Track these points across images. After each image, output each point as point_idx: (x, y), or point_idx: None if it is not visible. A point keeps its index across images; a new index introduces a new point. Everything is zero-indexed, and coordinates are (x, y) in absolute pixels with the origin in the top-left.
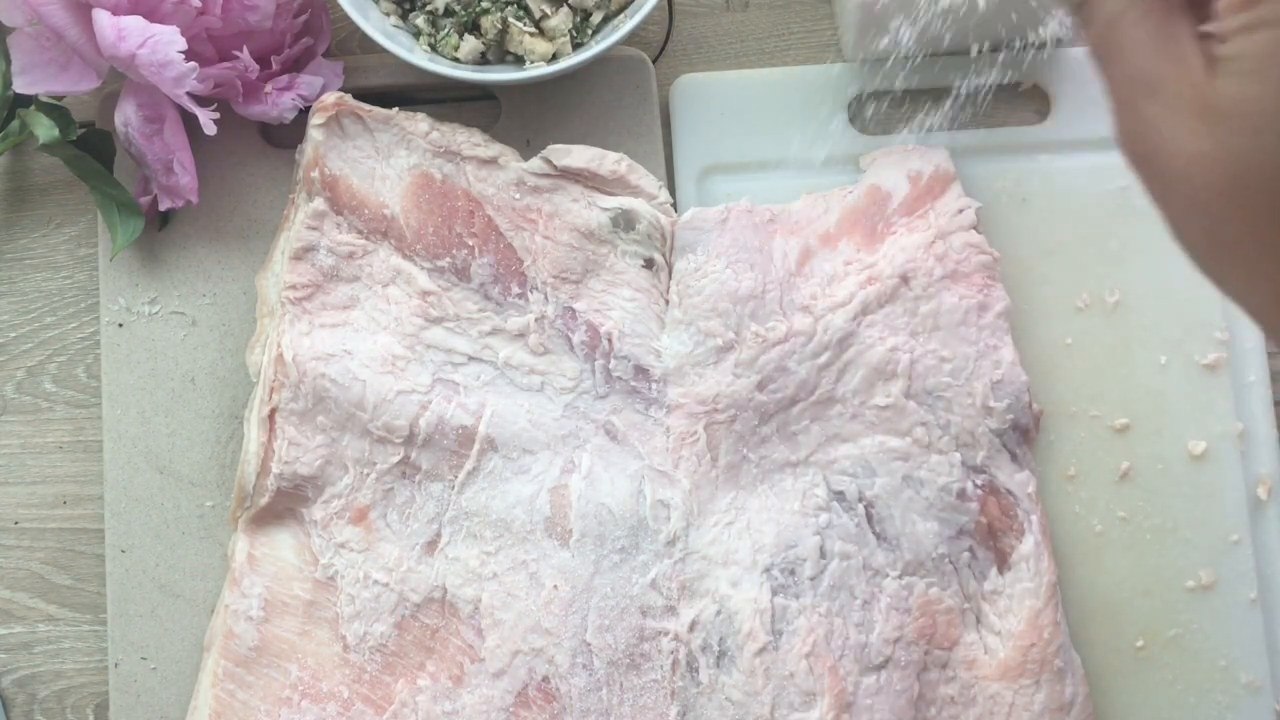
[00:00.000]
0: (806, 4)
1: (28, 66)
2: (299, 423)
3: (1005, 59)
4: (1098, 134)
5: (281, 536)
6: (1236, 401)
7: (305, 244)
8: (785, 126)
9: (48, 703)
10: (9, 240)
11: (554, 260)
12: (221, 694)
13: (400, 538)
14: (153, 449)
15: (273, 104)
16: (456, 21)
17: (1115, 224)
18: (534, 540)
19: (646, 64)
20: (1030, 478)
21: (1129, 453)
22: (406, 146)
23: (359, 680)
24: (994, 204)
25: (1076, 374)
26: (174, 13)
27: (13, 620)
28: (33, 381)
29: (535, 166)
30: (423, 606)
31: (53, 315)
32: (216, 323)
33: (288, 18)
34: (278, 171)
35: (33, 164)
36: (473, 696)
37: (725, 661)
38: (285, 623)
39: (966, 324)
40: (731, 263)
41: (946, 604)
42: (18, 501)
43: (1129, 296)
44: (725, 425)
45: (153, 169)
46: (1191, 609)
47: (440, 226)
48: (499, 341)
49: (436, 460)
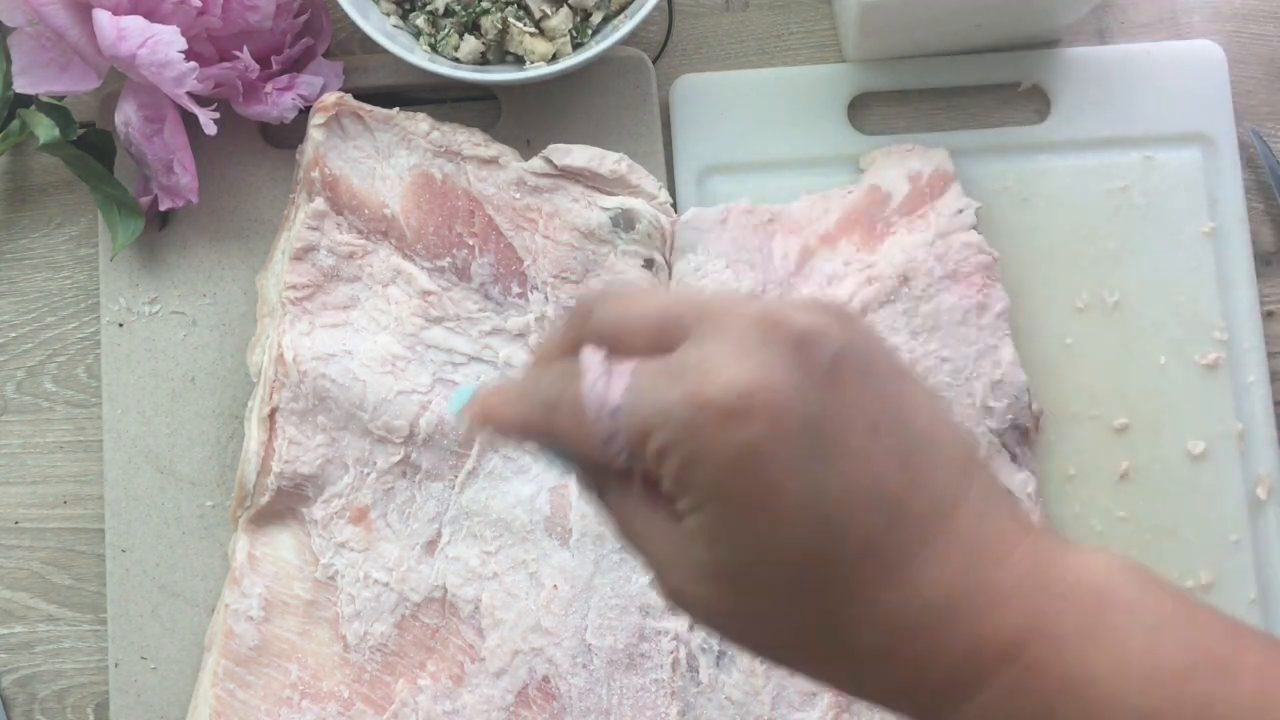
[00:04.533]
0: (806, 4)
1: (28, 66)
2: (299, 422)
3: (1005, 59)
4: (1098, 134)
5: (282, 536)
6: (1236, 401)
7: (305, 244)
8: (785, 126)
9: (48, 702)
10: (9, 240)
11: (554, 260)
12: (222, 694)
13: (400, 537)
14: (153, 449)
15: (273, 104)
16: (457, 21)
17: (1115, 224)
18: (534, 540)
19: (646, 64)
20: (1030, 478)
21: (1129, 453)
22: (407, 146)
23: (359, 680)
24: (994, 204)
25: (1076, 374)
26: (174, 13)
27: (13, 620)
28: (33, 381)
29: (535, 166)
30: (423, 606)
31: (53, 315)
32: (217, 323)
33: (288, 18)
34: (278, 171)
35: (33, 164)
36: (473, 696)
37: (725, 661)
38: (285, 622)
39: (966, 324)
40: (731, 263)
41: None
42: (18, 501)
43: (1129, 296)
44: None
45: (153, 169)
46: None
47: (440, 226)
48: (499, 341)
49: (437, 460)
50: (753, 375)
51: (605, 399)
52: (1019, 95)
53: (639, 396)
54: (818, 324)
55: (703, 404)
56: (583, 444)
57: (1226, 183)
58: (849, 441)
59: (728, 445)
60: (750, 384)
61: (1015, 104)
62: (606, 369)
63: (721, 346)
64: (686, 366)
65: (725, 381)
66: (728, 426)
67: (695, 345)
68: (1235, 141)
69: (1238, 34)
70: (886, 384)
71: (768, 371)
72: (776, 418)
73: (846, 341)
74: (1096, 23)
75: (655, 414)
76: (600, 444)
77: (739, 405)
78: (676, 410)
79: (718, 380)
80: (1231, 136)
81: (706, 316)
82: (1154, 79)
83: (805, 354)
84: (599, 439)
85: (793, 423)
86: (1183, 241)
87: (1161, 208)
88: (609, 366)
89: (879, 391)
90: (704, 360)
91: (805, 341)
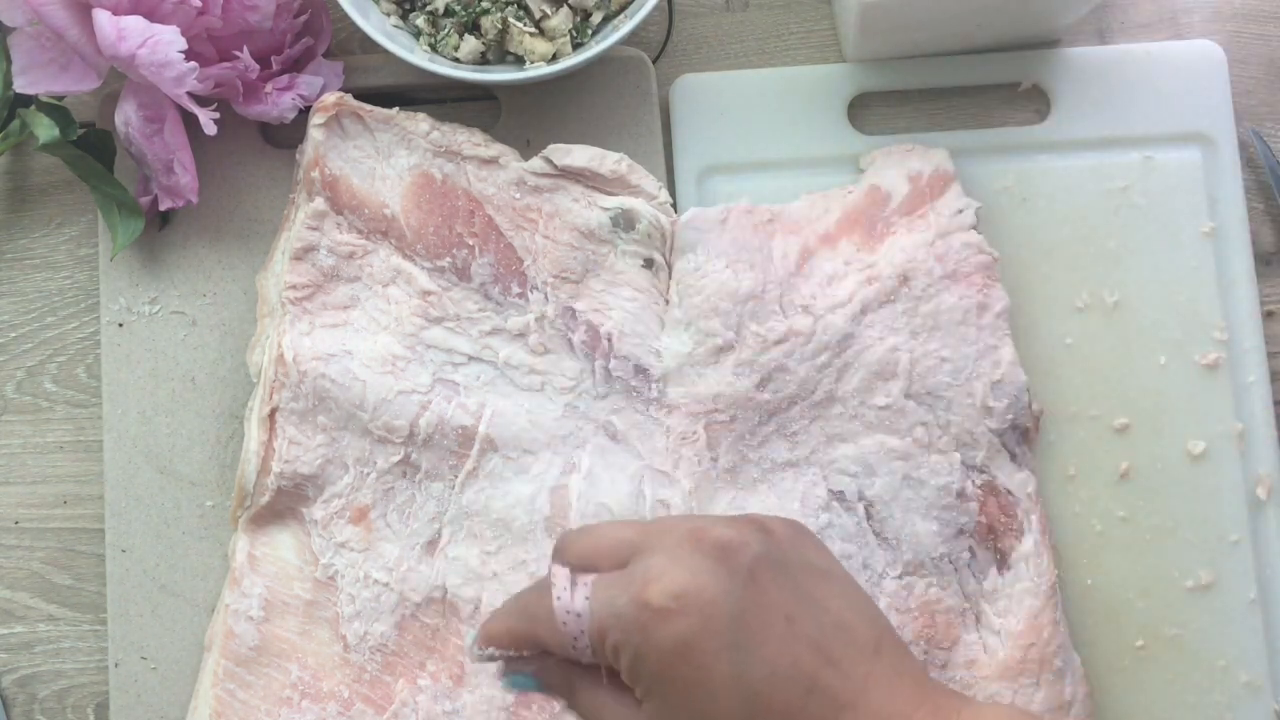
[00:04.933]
0: (806, 4)
1: (28, 66)
2: (299, 422)
3: (1005, 59)
4: (1098, 134)
5: (282, 536)
6: (1236, 401)
7: (305, 244)
8: (785, 126)
9: (48, 702)
10: (9, 240)
11: (554, 260)
12: (222, 694)
13: (400, 537)
14: (153, 449)
15: (273, 104)
16: (456, 21)
17: (1115, 224)
18: (534, 540)
19: (646, 64)
20: (1030, 478)
21: (1129, 453)
22: (407, 146)
23: (359, 680)
24: (994, 204)
25: (1076, 374)
26: (174, 13)
27: (13, 620)
28: (33, 381)
29: (536, 166)
30: (423, 606)
31: (53, 315)
32: (216, 323)
33: (288, 18)
34: (278, 171)
35: (33, 164)
36: (473, 696)
37: None
38: (285, 622)
39: (966, 324)
40: (731, 263)
41: (946, 604)
42: (18, 501)
43: (1129, 296)
44: (725, 425)
45: (153, 169)
46: (1191, 609)
47: (440, 226)
48: (499, 341)
49: (437, 460)
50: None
51: (570, 605)
52: (1019, 95)
53: (596, 603)
54: (737, 535)
55: (644, 605)
56: (556, 644)
57: (1226, 183)
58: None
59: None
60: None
61: (1015, 104)
62: (571, 581)
63: (660, 558)
64: (633, 576)
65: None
66: (666, 623)
67: (641, 560)
68: (1235, 141)
69: (1238, 34)
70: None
71: (695, 575)
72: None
73: (763, 549)
74: (1096, 23)
75: (608, 616)
76: (569, 642)
77: (674, 605)
78: (625, 612)
79: (656, 585)
80: (1231, 136)
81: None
82: (1154, 79)
83: (728, 560)
84: (568, 639)
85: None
86: (1183, 241)
87: (1161, 208)
88: (574, 579)
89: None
90: (646, 571)
91: (727, 549)
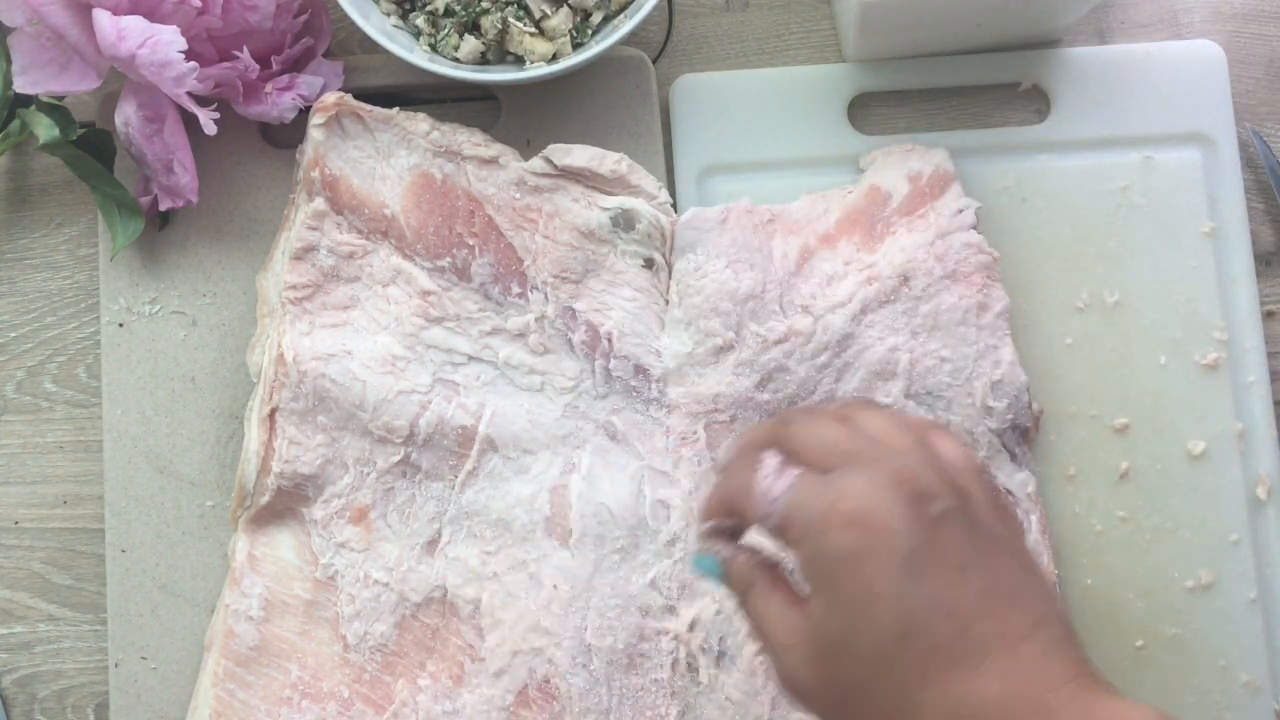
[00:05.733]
0: (806, 4)
1: (28, 66)
2: (299, 422)
3: (1005, 59)
4: (1098, 134)
5: (281, 536)
6: (1236, 401)
7: (305, 244)
8: (785, 126)
9: (48, 702)
10: (9, 240)
11: (554, 260)
12: (222, 694)
13: (400, 537)
14: (153, 449)
15: (273, 104)
16: (456, 21)
17: (1115, 224)
18: (534, 540)
19: (646, 64)
20: (1030, 478)
21: (1129, 453)
22: (407, 146)
23: (359, 680)
24: (994, 204)
25: (1076, 374)
26: (174, 13)
27: (13, 620)
28: (33, 381)
29: (536, 166)
30: (423, 606)
31: (53, 315)
32: (216, 323)
33: (288, 18)
34: (278, 171)
35: (33, 164)
36: (473, 696)
37: (725, 661)
38: (285, 622)
39: (966, 324)
40: (731, 263)
41: None
42: (18, 501)
43: (1129, 296)
44: (725, 425)
45: (153, 169)
46: (1191, 609)
47: (440, 226)
48: (499, 341)
49: (436, 460)
50: (872, 505)
51: (770, 492)
52: (1019, 95)
53: (795, 495)
54: (939, 489)
55: (830, 514)
56: (747, 516)
57: (1226, 183)
58: (940, 570)
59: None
60: (869, 510)
61: (1015, 104)
62: (778, 470)
63: (860, 481)
64: (829, 487)
65: (852, 503)
66: (844, 533)
67: (845, 473)
68: (1235, 141)
69: (1238, 34)
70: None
71: (884, 507)
72: (880, 537)
73: (956, 507)
74: (1096, 23)
75: (798, 512)
76: (758, 519)
77: (854, 520)
78: (813, 514)
79: (848, 501)
80: (1231, 136)
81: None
82: (1154, 79)
83: (919, 506)
84: (758, 516)
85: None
86: (1183, 241)
87: (1161, 208)
88: (781, 469)
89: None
90: (845, 487)
91: (923, 498)
